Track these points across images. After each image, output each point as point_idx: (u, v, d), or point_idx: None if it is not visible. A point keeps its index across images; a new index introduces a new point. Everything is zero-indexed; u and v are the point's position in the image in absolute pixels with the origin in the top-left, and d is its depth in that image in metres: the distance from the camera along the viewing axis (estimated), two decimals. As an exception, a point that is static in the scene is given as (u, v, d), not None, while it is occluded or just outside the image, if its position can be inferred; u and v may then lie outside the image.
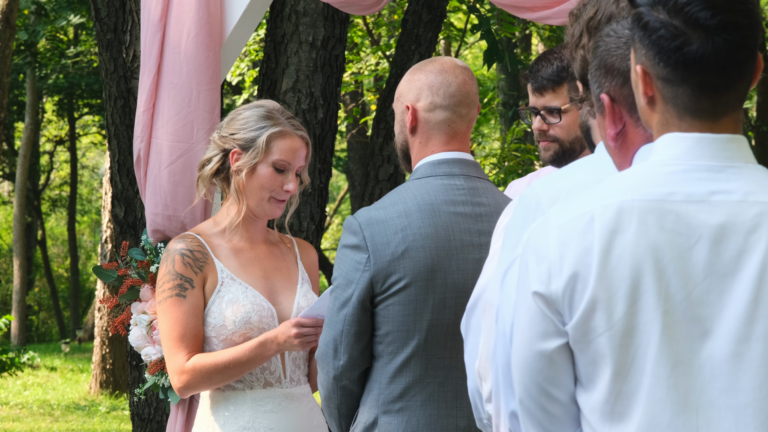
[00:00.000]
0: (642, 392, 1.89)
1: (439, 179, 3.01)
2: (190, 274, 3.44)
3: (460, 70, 3.07)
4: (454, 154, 3.04)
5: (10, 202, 29.44)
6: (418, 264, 2.92)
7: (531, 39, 16.26)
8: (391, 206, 2.97)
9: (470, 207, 3.00)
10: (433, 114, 3.04)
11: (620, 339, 1.90)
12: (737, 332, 1.89)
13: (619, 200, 1.92)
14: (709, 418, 1.89)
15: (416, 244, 2.93)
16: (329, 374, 2.99)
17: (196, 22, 4.06)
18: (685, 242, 1.90)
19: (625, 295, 1.89)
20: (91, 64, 20.68)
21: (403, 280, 2.92)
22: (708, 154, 1.93)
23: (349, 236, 2.98)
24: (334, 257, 27.17)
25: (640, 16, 1.93)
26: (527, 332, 1.97)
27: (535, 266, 1.95)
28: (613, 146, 2.12)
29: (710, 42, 1.88)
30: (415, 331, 2.93)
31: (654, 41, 1.91)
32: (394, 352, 2.95)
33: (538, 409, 1.99)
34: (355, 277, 2.94)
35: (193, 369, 3.41)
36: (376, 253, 2.93)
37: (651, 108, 1.97)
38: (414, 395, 2.95)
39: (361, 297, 2.93)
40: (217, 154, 3.54)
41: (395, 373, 2.95)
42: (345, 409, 3.03)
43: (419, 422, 2.94)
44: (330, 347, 2.97)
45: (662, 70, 1.92)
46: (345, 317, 2.94)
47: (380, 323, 2.95)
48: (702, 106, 1.92)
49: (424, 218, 2.95)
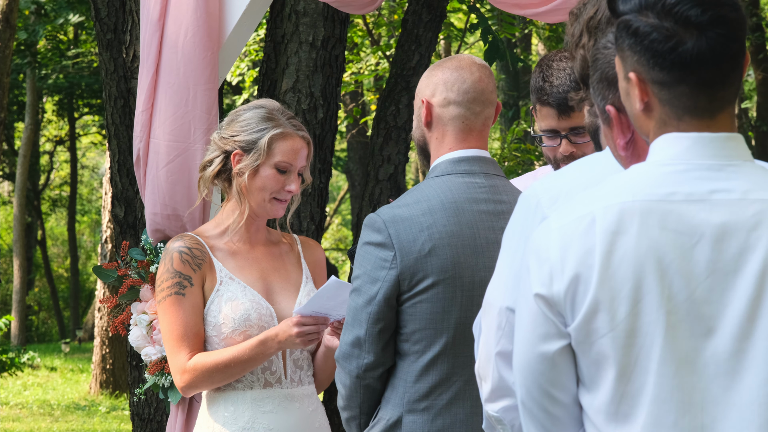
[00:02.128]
0: (647, 392, 1.90)
1: (460, 177, 3.01)
2: (188, 271, 3.44)
3: (477, 68, 3.07)
4: (472, 152, 3.04)
5: (10, 202, 29.43)
6: (446, 262, 2.92)
7: (531, 39, 16.26)
8: (415, 204, 2.96)
9: (492, 205, 3.00)
10: (446, 110, 3.04)
11: (623, 340, 1.90)
12: (740, 330, 1.89)
13: (620, 201, 1.92)
14: (714, 416, 1.89)
15: (442, 242, 2.92)
16: (352, 373, 2.97)
17: (194, 22, 4.06)
18: (687, 242, 1.90)
19: (628, 296, 1.89)
20: (91, 64, 20.67)
21: (430, 278, 2.91)
22: (707, 153, 1.94)
23: (372, 234, 2.95)
24: (333, 257, 27.17)
25: (628, 23, 1.94)
26: (529, 334, 1.97)
27: (536, 268, 1.96)
28: (624, 155, 2.12)
29: (704, 38, 1.89)
30: (443, 330, 2.92)
31: (647, 46, 1.92)
32: (422, 351, 2.94)
33: (540, 411, 1.99)
34: (380, 274, 2.92)
35: (194, 368, 3.41)
36: (402, 250, 2.91)
37: (647, 114, 1.97)
38: (440, 394, 2.94)
39: (387, 295, 2.91)
40: (219, 156, 3.53)
41: (422, 372, 2.94)
42: (367, 407, 3.01)
43: (444, 422, 2.94)
44: (353, 346, 2.95)
45: (658, 73, 1.92)
46: (369, 315, 2.92)
47: (406, 321, 2.94)
48: (700, 103, 1.93)
49: (448, 216, 2.95)
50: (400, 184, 6.70)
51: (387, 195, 6.59)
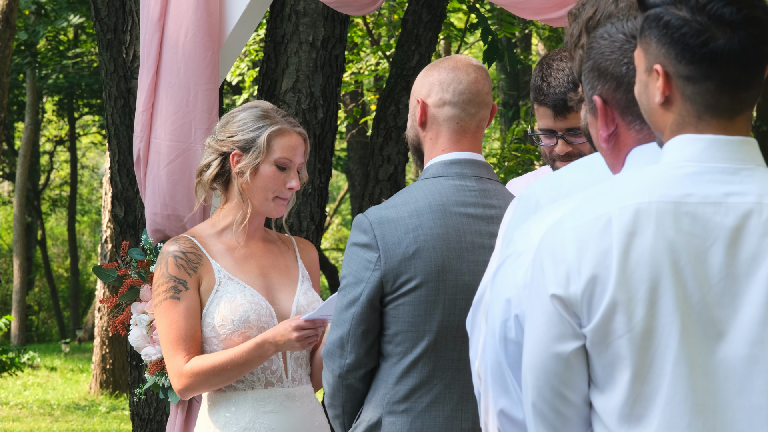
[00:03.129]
0: (661, 394, 1.89)
1: (451, 180, 3.00)
2: (183, 275, 3.43)
3: (473, 69, 3.06)
4: (465, 155, 3.03)
5: (10, 202, 29.43)
6: (429, 264, 2.91)
7: (531, 39, 16.26)
8: (402, 205, 2.96)
9: (481, 209, 2.99)
10: (441, 110, 3.03)
11: (640, 341, 1.89)
12: (752, 335, 1.89)
13: (636, 202, 1.92)
14: (724, 420, 1.89)
15: (427, 244, 2.92)
16: (335, 372, 2.98)
17: (195, 22, 4.06)
18: (702, 244, 1.90)
19: (645, 297, 1.89)
20: (91, 64, 20.68)
21: (414, 280, 2.91)
22: (722, 156, 1.94)
23: (359, 234, 2.96)
24: (333, 257, 27.18)
25: (659, 15, 1.93)
26: (543, 335, 1.96)
27: (551, 269, 1.94)
28: (605, 147, 2.12)
29: (735, 37, 1.90)
30: (426, 332, 2.92)
31: (677, 39, 1.91)
32: (403, 353, 2.94)
33: (551, 411, 1.99)
34: (364, 275, 2.92)
35: (191, 371, 3.40)
36: (386, 252, 2.91)
37: (666, 108, 1.96)
38: (420, 396, 2.94)
39: (370, 296, 2.92)
40: (216, 159, 3.52)
41: (403, 374, 2.94)
42: (350, 407, 3.02)
43: (423, 424, 2.93)
44: (336, 345, 2.96)
45: (685, 67, 1.92)
46: (353, 316, 2.93)
47: (390, 323, 2.94)
48: (723, 103, 1.93)
49: (435, 219, 2.94)
50: (400, 184, 6.70)
51: (387, 195, 6.59)
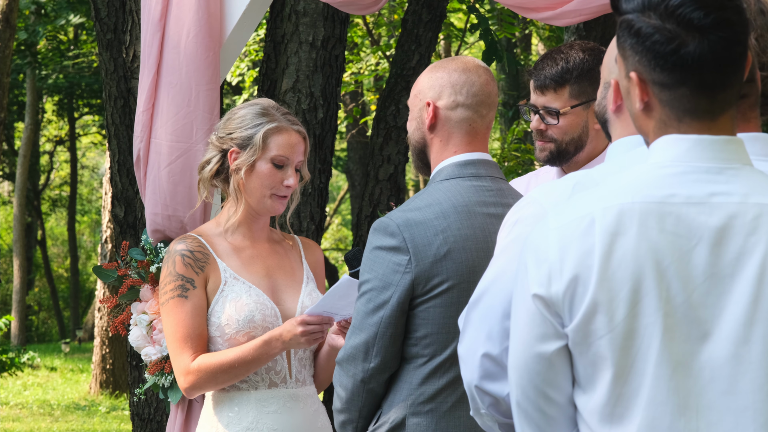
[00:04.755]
0: (643, 394, 1.89)
1: (468, 180, 3.00)
2: (191, 274, 3.44)
3: (483, 70, 3.06)
4: (477, 155, 3.03)
5: (10, 202, 29.43)
6: (461, 265, 2.90)
7: (531, 39, 16.26)
8: (426, 208, 2.95)
9: (501, 208, 2.99)
10: (454, 112, 3.03)
11: (621, 341, 1.89)
12: (737, 334, 1.89)
13: (620, 202, 1.92)
14: (709, 420, 1.88)
15: (457, 245, 2.91)
16: (357, 377, 2.94)
17: (196, 22, 4.06)
18: (686, 244, 1.90)
19: (626, 298, 1.89)
20: (91, 64, 20.67)
21: (447, 282, 2.90)
22: (707, 155, 1.93)
23: (385, 238, 2.93)
24: (333, 257, 27.16)
25: (630, 23, 1.93)
26: (526, 335, 1.96)
27: (534, 268, 1.95)
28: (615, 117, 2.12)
29: (706, 41, 1.89)
30: (456, 333, 2.89)
31: (648, 47, 1.91)
32: (432, 354, 2.92)
33: (535, 411, 1.99)
34: (394, 279, 2.90)
35: (198, 369, 3.41)
36: (417, 254, 2.89)
37: (646, 114, 1.97)
38: (445, 397, 2.93)
39: (400, 299, 2.89)
40: (216, 155, 3.54)
41: (429, 375, 2.92)
42: (367, 411, 2.99)
43: (448, 424, 2.93)
44: (360, 350, 2.92)
45: (659, 74, 1.92)
46: (381, 320, 2.90)
47: (418, 325, 2.92)
48: (701, 105, 1.93)
49: (461, 220, 2.94)
50: (400, 184, 6.71)
51: (387, 195, 6.59)
